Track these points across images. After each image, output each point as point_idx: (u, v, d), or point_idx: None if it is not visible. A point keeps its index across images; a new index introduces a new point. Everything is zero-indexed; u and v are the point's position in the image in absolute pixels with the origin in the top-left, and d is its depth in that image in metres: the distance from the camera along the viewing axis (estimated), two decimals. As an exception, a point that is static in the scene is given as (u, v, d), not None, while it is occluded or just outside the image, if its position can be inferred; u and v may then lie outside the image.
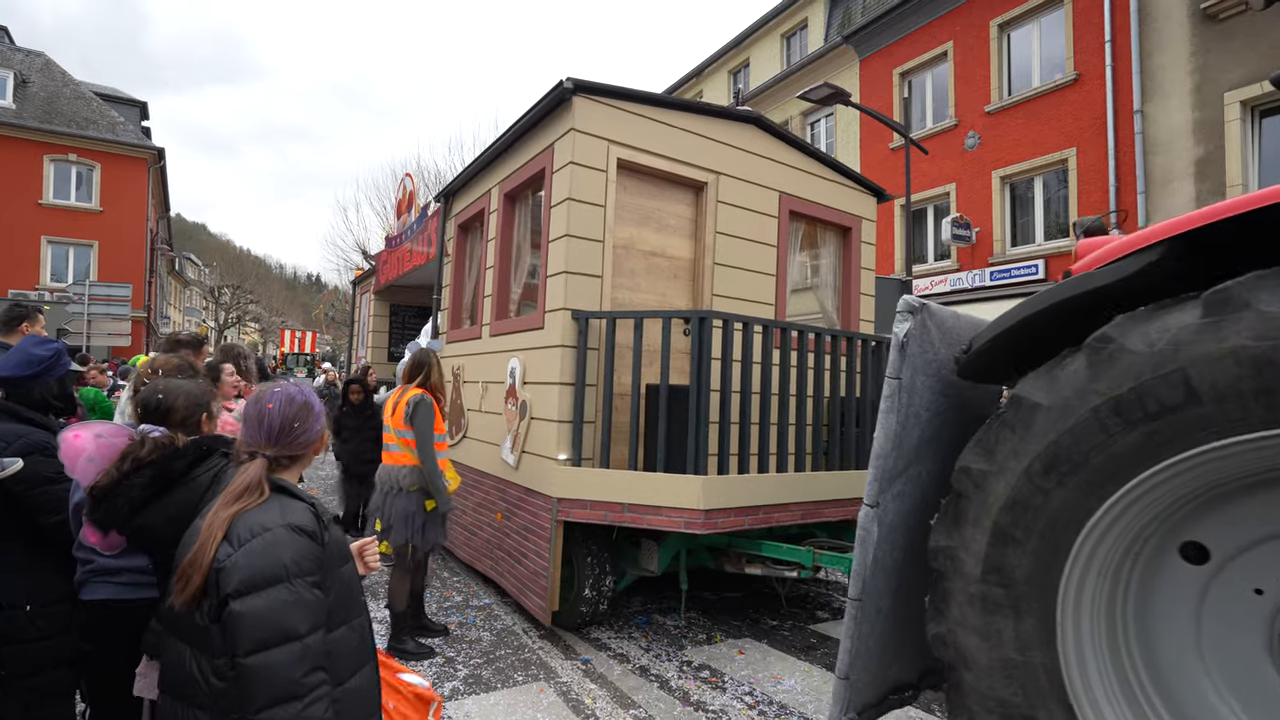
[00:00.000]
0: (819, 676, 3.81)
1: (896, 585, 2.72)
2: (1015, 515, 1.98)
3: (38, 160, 20.64)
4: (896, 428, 2.52)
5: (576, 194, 4.26)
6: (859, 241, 5.50)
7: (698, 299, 4.78)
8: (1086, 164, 11.79)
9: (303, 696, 1.32)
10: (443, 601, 4.91)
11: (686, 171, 4.69)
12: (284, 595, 1.34)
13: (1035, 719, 2.00)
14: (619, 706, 3.35)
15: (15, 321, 3.35)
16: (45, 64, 22.71)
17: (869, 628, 2.61)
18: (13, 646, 1.95)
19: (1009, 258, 12.69)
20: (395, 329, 9.27)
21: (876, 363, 4.72)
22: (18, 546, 2.05)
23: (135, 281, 20.47)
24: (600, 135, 4.35)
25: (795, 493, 4.24)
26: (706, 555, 4.51)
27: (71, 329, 12.51)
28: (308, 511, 1.46)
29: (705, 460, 3.94)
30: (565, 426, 4.19)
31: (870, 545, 2.54)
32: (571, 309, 4.22)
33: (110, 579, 1.92)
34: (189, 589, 1.33)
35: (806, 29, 17.18)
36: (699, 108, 4.76)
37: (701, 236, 4.80)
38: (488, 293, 5.29)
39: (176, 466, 1.65)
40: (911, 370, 2.54)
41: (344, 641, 1.47)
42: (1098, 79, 11.63)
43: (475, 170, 5.64)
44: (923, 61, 13.98)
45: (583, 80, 4.22)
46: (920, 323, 2.54)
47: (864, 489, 4.59)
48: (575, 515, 4.10)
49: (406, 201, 7.64)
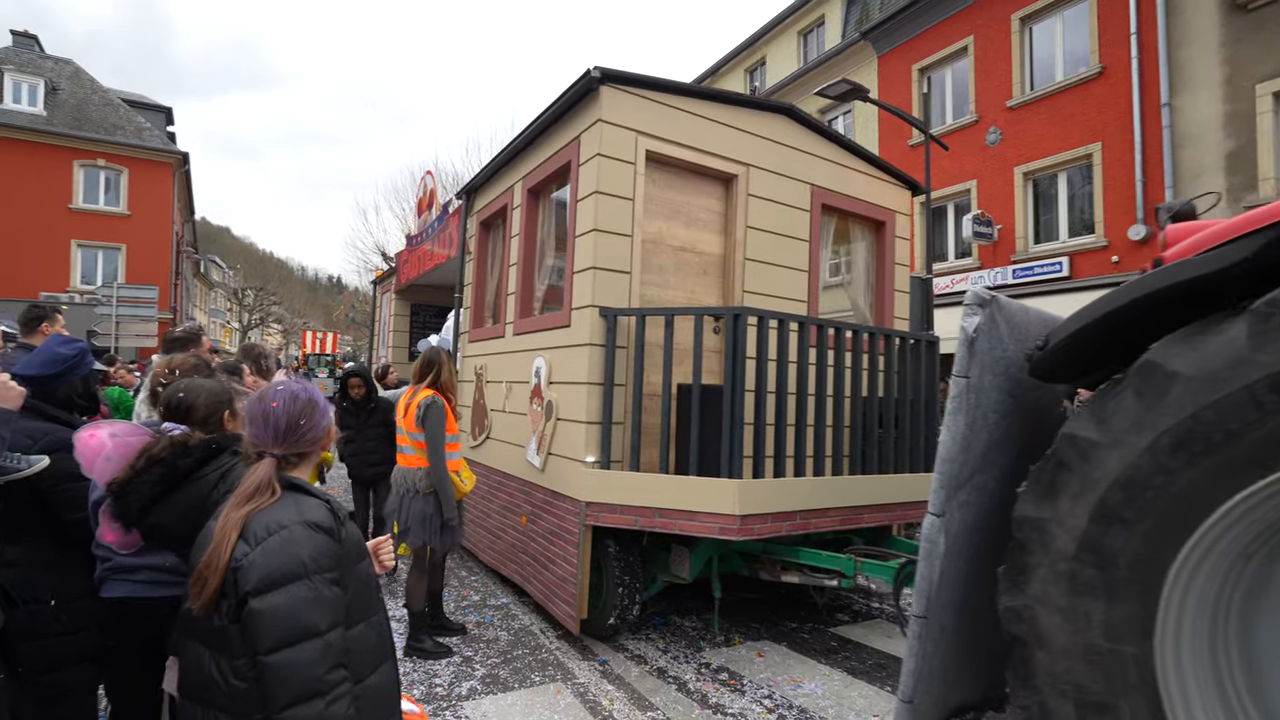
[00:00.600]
0: (840, 680, 3.67)
1: (962, 600, 2.47)
2: (1129, 494, 1.74)
3: (68, 165, 20.78)
4: (965, 430, 2.28)
5: (604, 187, 4.04)
6: (892, 236, 5.23)
7: (728, 295, 4.54)
8: (1112, 159, 11.39)
9: (325, 694, 1.28)
10: (460, 601, 4.82)
11: (716, 164, 4.45)
12: (303, 592, 1.31)
13: (1116, 710, 1.79)
14: (636, 708, 3.26)
15: (35, 322, 3.33)
16: (74, 72, 22.88)
17: (933, 647, 2.37)
18: (35, 641, 1.94)
19: (1032, 255, 12.31)
20: (416, 328, 9.10)
21: (915, 361, 4.46)
22: (46, 542, 2.06)
23: (161, 284, 20.54)
24: (628, 126, 4.13)
25: (833, 497, 3.99)
26: (740, 562, 4.27)
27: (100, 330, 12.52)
28: (323, 508, 1.44)
29: (740, 463, 3.70)
30: (593, 428, 3.98)
31: (937, 558, 2.30)
32: (599, 306, 4.01)
33: (128, 577, 1.91)
34: (206, 591, 1.30)
35: (824, 26, 16.83)
36: (729, 98, 4.52)
37: (732, 231, 4.56)
38: (511, 290, 5.08)
39: (183, 465, 1.63)
40: (980, 368, 2.30)
41: (363, 639, 1.44)
42: (1123, 72, 11.22)
43: (497, 166, 5.44)
44: (942, 57, 13.61)
45: (610, 69, 4.00)
46: (990, 317, 2.29)
47: (906, 494, 4.37)
48: (604, 520, 3.89)
49: (427, 200, 7.46)
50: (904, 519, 4.38)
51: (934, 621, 2.34)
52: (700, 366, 3.82)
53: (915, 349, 4.45)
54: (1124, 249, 11.30)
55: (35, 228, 19.96)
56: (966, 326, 2.24)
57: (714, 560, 4.15)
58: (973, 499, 2.40)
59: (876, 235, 5.25)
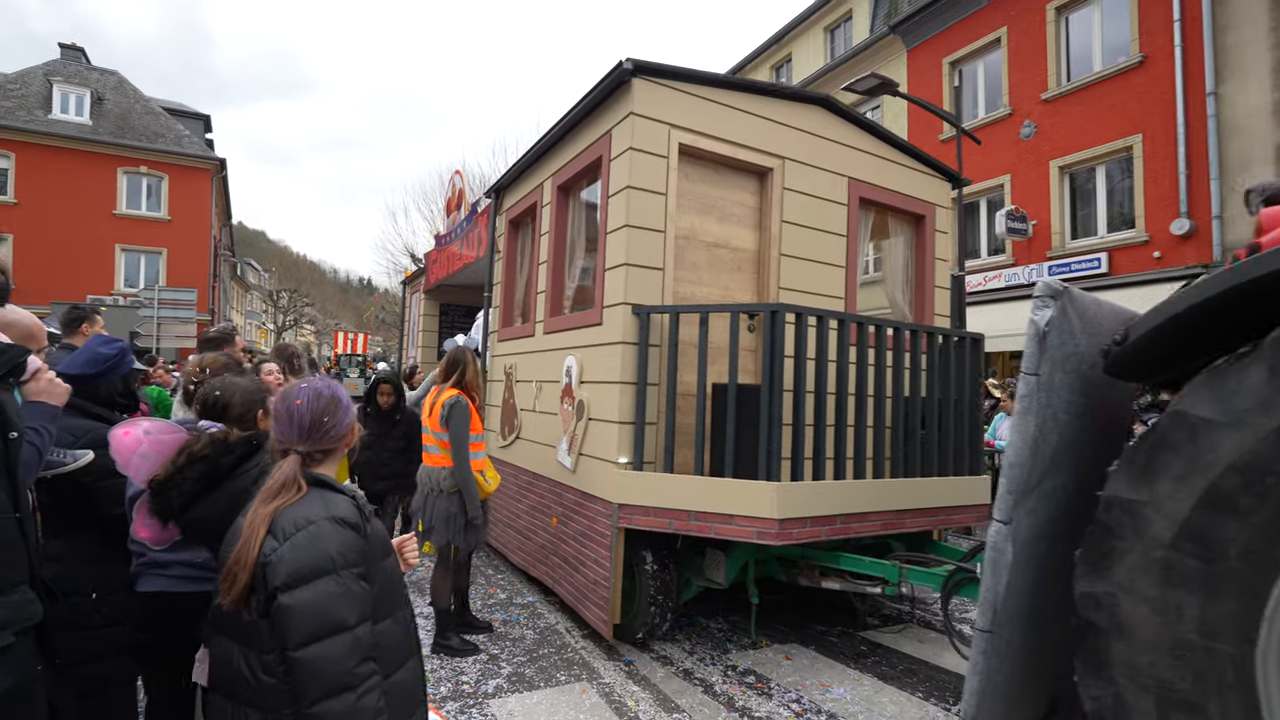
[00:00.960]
0: (870, 685, 3.56)
1: (1028, 613, 2.29)
2: (1247, 479, 1.57)
3: (112, 173, 21.33)
4: (1034, 432, 2.09)
5: (636, 181, 3.90)
6: (932, 230, 5.01)
7: (763, 292, 4.37)
8: (1153, 151, 10.92)
9: (355, 687, 1.28)
10: (487, 599, 4.78)
11: (750, 157, 4.29)
12: (332, 587, 1.30)
13: (1204, 711, 1.64)
14: (662, 710, 3.21)
15: (76, 323, 3.41)
16: (119, 82, 23.48)
17: (998, 663, 2.19)
18: (76, 633, 1.96)
19: (1068, 251, 11.87)
20: (445, 328, 9.06)
21: (958, 360, 4.24)
22: (90, 536, 2.09)
23: (200, 286, 20.98)
24: (661, 119, 3.99)
25: (875, 501, 3.81)
26: (777, 566, 4.10)
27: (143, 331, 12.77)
28: (350, 504, 1.44)
29: (778, 465, 3.54)
30: (626, 428, 3.84)
31: (1004, 568, 2.11)
32: (632, 304, 3.87)
33: (162, 572, 1.94)
34: (236, 587, 1.30)
35: (851, 21, 16.47)
36: (764, 88, 4.35)
37: (766, 226, 4.39)
38: (541, 289, 4.98)
39: (225, 462, 1.63)
40: (1051, 365, 2.11)
41: (389, 634, 1.44)
42: (1166, 60, 10.75)
43: (526, 163, 5.34)
44: (974, 49, 13.21)
45: (643, 61, 3.87)
46: (1061, 309, 2.10)
47: (949, 498, 4.15)
48: (637, 522, 3.76)
49: (456, 199, 7.41)
50: (947, 524, 4.17)
51: (999, 636, 2.17)
52: (736, 365, 3.67)
53: (959, 347, 4.23)
54: (1166, 244, 10.82)
55: (82, 233, 20.53)
56: (1037, 320, 2.05)
57: (750, 565, 3.99)
58: (1040, 506, 2.21)
59: (915, 229, 5.03)
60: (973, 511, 4.22)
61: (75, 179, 20.66)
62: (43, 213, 19.92)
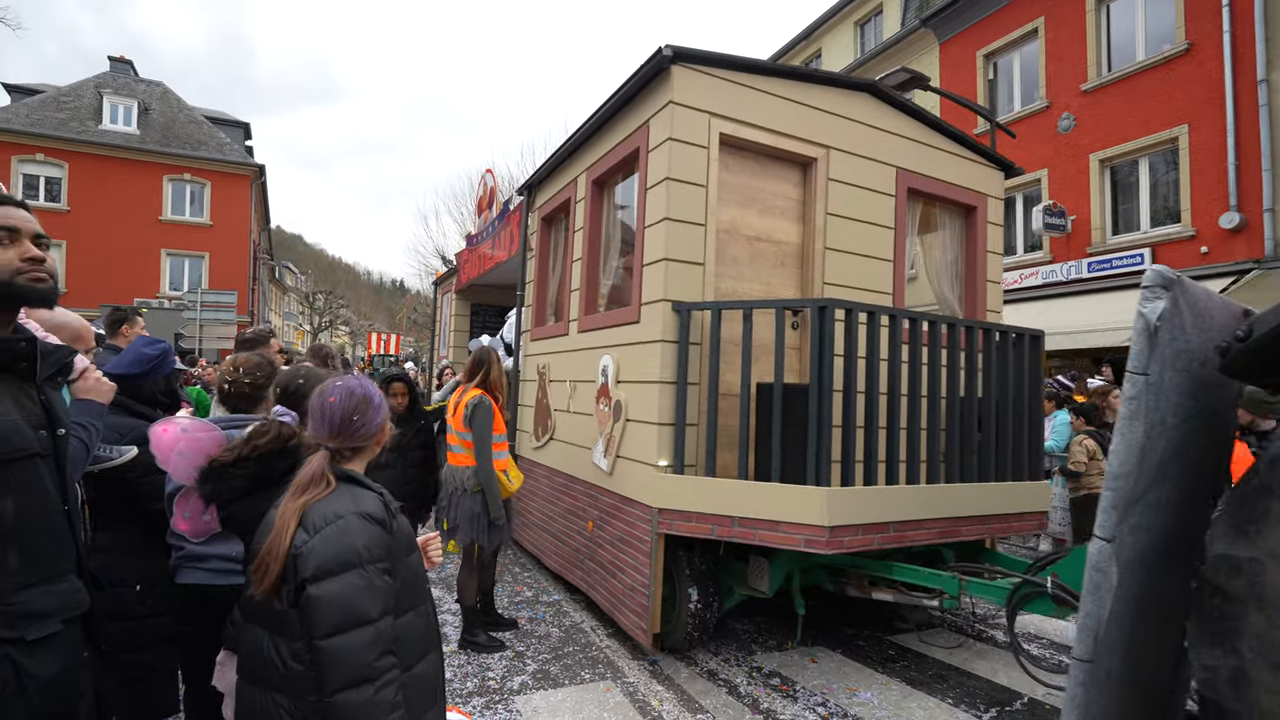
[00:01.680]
0: (897, 690, 3.44)
1: (1130, 640, 2.02)
2: None
3: (158, 180, 21.80)
4: (1142, 438, 1.81)
5: (676, 173, 3.68)
6: (984, 222, 4.69)
7: (806, 287, 4.12)
8: (1200, 142, 10.34)
9: (374, 680, 1.30)
10: (513, 596, 4.75)
11: (794, 146, 4.03)
12: (357, 581, 1.33)
13: None
14: (686, 710, 3.16)
15: (117, 324, 3.51)
16: (163, 93, 24.00)
17: (1098, 695, 1.93)
18: (121, 622, 2.01)
19: (1110, 247, 11.33)
20: (476, 328, 8.93)
21: (1017, 359, 3.94)
22: (134, 530, 2.14)
23: (240, 289, 21.31)
24: (701, 108, 3.76)
25: (931, 508, 3.53)
26: (824, 575, 3.85)
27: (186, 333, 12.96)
28: (377, 500, 1.46)
29: (828, 469, 3.29)
30: (666, 430, 3.63)
31: (1107, 592, 1.84)
32: (672, 300, 3.65)
33: (199, 565, 1.97)
34: (268, 578, 1.33)
35: (881, 15, 15.97)
36: (808, 75, 4.09)
37: (810, 218, 4.13)
38: (575, 286, 4.78)
39: (279, 467, 1.63)
40: (1161, 364, 1.83)
41: (411, 628, 1.45)
42: (1213, 48, 10.17)
43: (559, 159, 5.15)
44: (1009, 41, 12.68)
45: (682, 47, 3.64)
46: (1174, 301, 1.82)
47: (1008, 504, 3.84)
48: (677, 528, 3.54)
49: (487, 198, 7.26)
50: (1005, 531, 3.87)
51: (1100, 666, 1.90)
52: (782, 364, 3.42)
53: (1018, 344, 3.92)
54: (1214, 239, 10.25)
55: (129, 239, 21.02)
56: (1148, 313, 1.78)
57: (794, 573, 3.75)
58: (1144, 521, 1.94)
59: (966, 221, 4.72)
60: (1033, 519, 3.91)
61: (123, 186, 21.16)
62: (93, 219, 20.43)
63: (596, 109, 4.38)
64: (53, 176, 20.64)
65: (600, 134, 4.54)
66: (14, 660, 1.21)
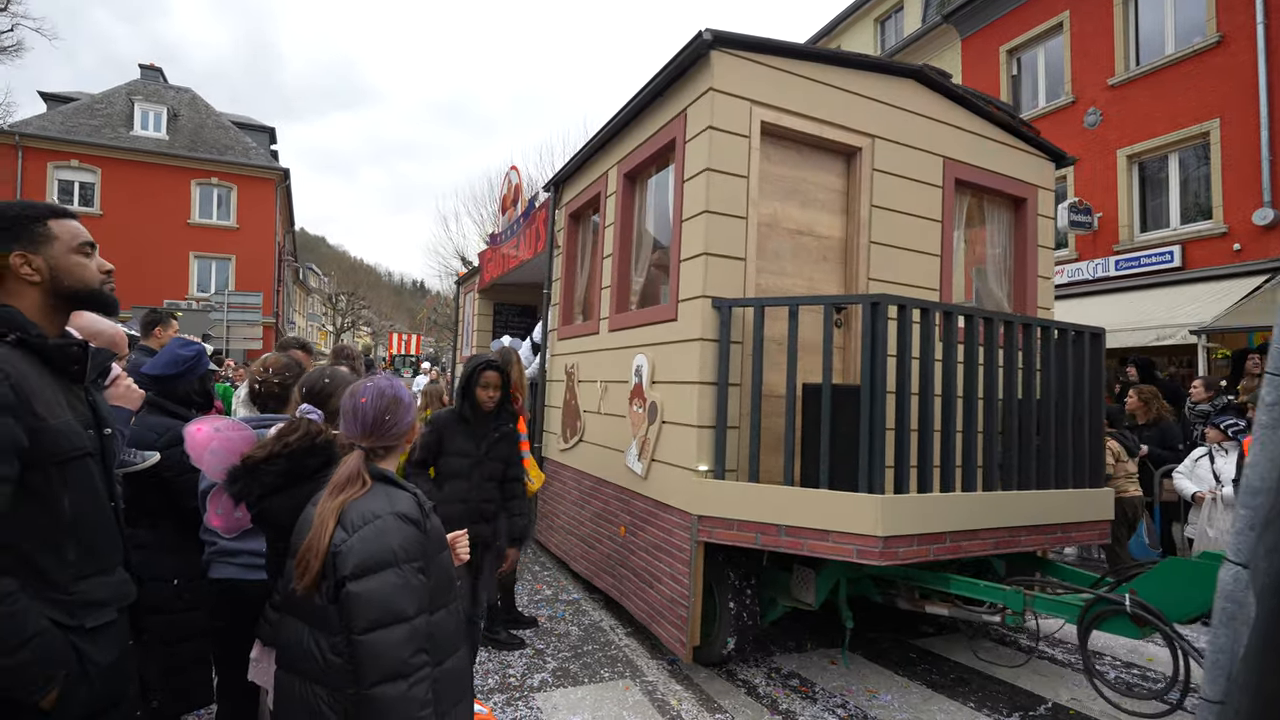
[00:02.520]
0: (918, 693, 3.33)
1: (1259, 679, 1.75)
2: None
3: (186, 184, 21.89)
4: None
5: (716, 164, 3.42)
6: (1034, 214, 4.38)
7: (850, 283, 3.84)
8: (1232, 136, 9.89)
9: (408, 676, 1.32)
10: (533, 594, 4.72)
11: (837, 135, 3.76)
12: (394, 579, 1.34)
13: None
14: (705, 709, 3.10)
15: (151, 326, 3.53)
16: (192, 99, 24.11)
17: (1228, 744, 1.66)
18: (160, 615, 2.04)
19: (1138, 244, 10.89)
20: (499, 327, 8.73)
21: (1077, 358, 3.64)
22: (169, 527, 2.18)
23: (265, 290, 21.36)
24: (742, 95, 3.50)
25: (987, 516, 3.25)
26: (872, 586, 3.58)
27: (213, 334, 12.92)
28: (412, 500, 1.47)
29: (882, 476, 3.02)
30: (706, 432, 3.38)
31: (1244, 624, 1.57)
32: (712, 296, 3.40)
33: (231, 560, 2.00)
34: (309, 574, 1.34)
35: (902, 11, 15.53)
36: (853, 60, 3.81)
37: (855, 211, 3.86)
38: (606, 284, 4.54)
39: (310, 464, 1.63)
40: (1310, 365, 1.57)
41: (443, 624, 1.46)
42: (1246, 40, 9.71)
43: (588, 153, 4.90)
44: (1033, 36, 12.26)
45: (722, 31, 3.39)
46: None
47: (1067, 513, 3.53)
48: (719, 536, 3.29)
49: (512, 196, 7.03)
50: (1065, 542, 3.58)
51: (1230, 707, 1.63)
52: (830, 364, 3.16)
53: (1078, 343, 3.63)
54: (1247, 235, 9.80)
55: (159, 242, 21.11)
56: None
57: (842, 583, 3.48)
58: None
59: (1016, 214, 4.41)
60: (1094, 529, 3.61)
61: (153, 191, 21.26)
62: (124, 223, 20.54)
63: (629, 100, 4.14)
64: (86, 182, 20.79)
65: (632, 126, 4.29)
66: (77, 647, 1.25)
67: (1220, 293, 9.52)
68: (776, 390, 3.48)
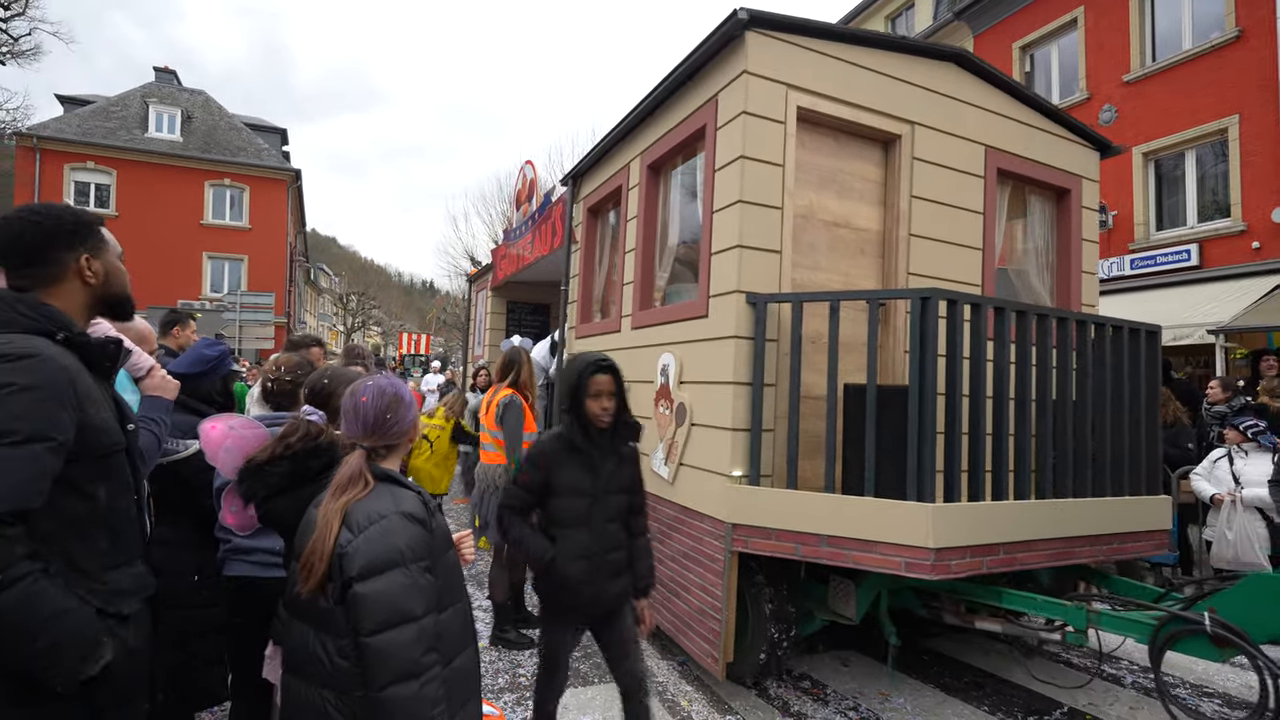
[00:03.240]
0: (932, 697, 3.23)
1: None
2: None
3: (199, 186, 21.71)
4: None
5: (751, 151, 3.16)
6: (1079, 206, 4.10)
7: (889, 278, 3.58)
8: (1251, 132, 9.56)
9: (420, 675, 1.29)
10: None
11: (875, 121, 3.49)
12: (401, 579, 1.31)
13: None
14: (715, 710, 3.04)
15: (169, 326, 3.52)
16: (205, 101, 23.94)
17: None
18: (180, 610, 2.01)
19: (1154, 243, 10.57)
20: (512, 325, 8.49)
21: (1133, 357, 3.36)
22: (189, 523, 2.17)
23: (277, 290, 21.16)
24: (777, 79, 3.24)
25: (1043, 526, 2.98)
26: (914, 599, 3.32)
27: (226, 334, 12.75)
28: (417, 500, 1.44)
29: (932, 484, 2.75)
30: (740, 435, 3.12)
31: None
32: (746, 291, 3.14)
33: (245, 558, 2.00)
34: (314, 576, 1.30)
35: (913, 9, 15.19)
36: (891, 42, 3.54)
37: (893, 202, 3.59)
38: (628, 280, 4.28)
39: (313, 465, 1.60)
40: None
41: (450, 624, 1.43)
42: (1266, 34, 9.38)
43: (608, 145, 4.64)
44: (1047, 32, 11.93)
45: (759, 11, 3.12)
46: None
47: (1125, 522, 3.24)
48: (754, 546, 3.03)
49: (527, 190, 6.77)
50: (1121, 554, 3.30)
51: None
52: (875, 363, 2.90)
53: (1134, 341, 3.35)
54: (1266, 233, 9.48)
55: (173, 243, 20.94)
56: None
57: (883, 595, 3.22)
58: None
59: (1059, 205, 4.13)
60: (1151, 539, 3.34)
61: (167, 192, 21.09)
62: (139, 224, 20.35)
63: (653, 88, 3.88)
64: (102, 183, 20.64)
65: (658, 114, 4.03)
66: (115, 633, 1.26)
67: (1238, 291, 9.20)
68: (812, 391, 3.23)
